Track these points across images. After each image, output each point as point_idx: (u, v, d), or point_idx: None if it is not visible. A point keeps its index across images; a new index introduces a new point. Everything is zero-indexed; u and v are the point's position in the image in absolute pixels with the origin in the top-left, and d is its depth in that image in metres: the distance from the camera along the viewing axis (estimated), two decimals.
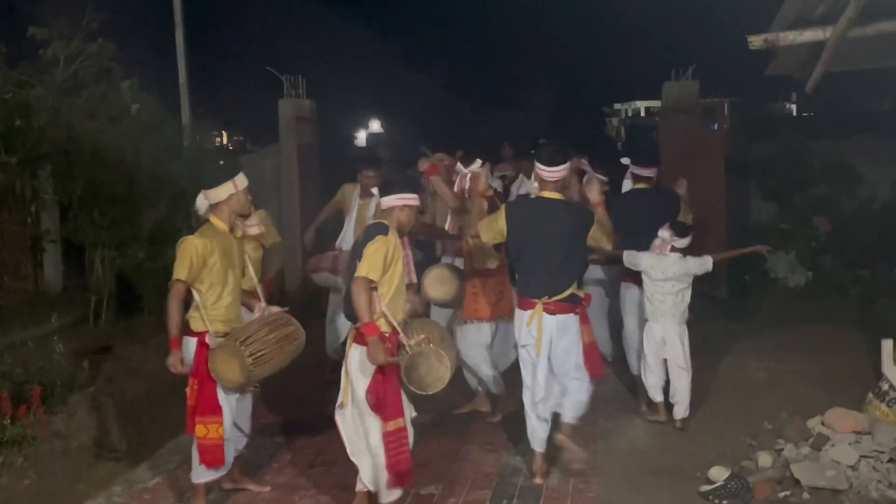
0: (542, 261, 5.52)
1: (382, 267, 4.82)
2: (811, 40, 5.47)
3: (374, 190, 5.40)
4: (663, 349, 6.59)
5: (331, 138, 13.58)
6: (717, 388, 7.38)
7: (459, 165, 6.80)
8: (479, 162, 6.63)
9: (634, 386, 7.15)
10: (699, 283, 6.79)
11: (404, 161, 12.15)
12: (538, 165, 5.56)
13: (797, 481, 5.30)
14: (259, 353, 5.03)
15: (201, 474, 5.29)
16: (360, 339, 4.92)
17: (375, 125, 31.09)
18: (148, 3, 12.42)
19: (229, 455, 5.34)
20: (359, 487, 5.18)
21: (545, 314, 5.51)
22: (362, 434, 5.04)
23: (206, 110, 12.29)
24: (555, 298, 5.51)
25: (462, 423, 6.78)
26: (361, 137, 28.59)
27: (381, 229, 4.92)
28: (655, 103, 32.97)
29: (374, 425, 4.96)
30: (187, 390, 5.23)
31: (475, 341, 6.69)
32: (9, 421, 6.05)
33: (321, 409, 6.78)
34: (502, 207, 5.77)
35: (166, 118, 10.28)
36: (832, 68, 5.85)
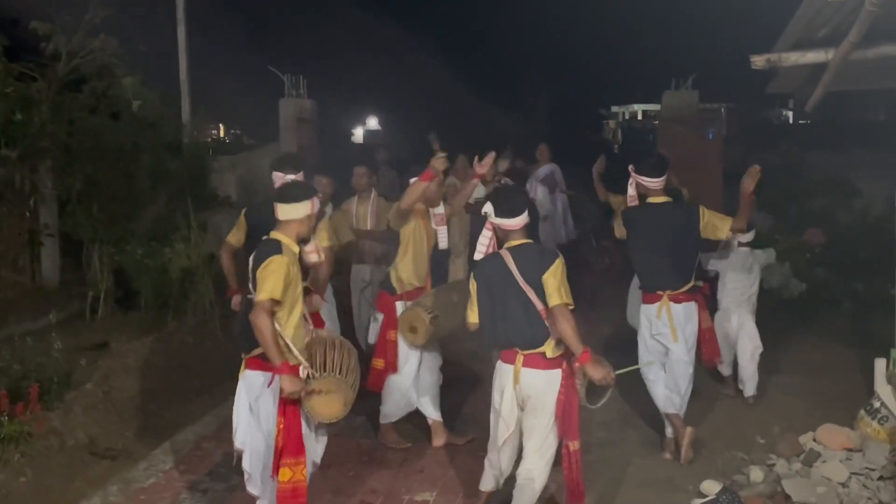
0: (662, 259, 6.14)
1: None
2: (813, 62, 5.52)
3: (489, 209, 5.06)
4: (735, 334, 7.41)
5: (330, 137, 13.62)
6: (709, 401, 7.43)
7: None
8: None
9: (626, 397, 7.31)
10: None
11: (401, 162, 12.21)
12: (642, 178, 6.17)
13: (788, 497, 5.34)
14: (353, 383, 4.85)
15: None
16: (538, 363, 4.88)
17: (373, 122, 31.10)
18: (151, 0, 12.41)
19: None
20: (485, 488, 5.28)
21: (672, 303, 6.15)
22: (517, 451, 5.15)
23: (206, 107, 12.24)
24: (680, 290, 6.16)
25: (457, 431, 6.81)
26: (359, 134, 28.63)
27: (556, 253, 4.98)
28: (653, 107, 33.06)
29: (543, 446, 4.98)
30: (274, 430, 4.75)
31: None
32: (6, 418, 6.08)
33: None
34: (619, 214, 6.43)
35: (167, 115, 10.31)
36: (833, 88, 5.91)
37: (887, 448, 5.64)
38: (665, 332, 6.17)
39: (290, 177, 5.69)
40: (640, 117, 41.34)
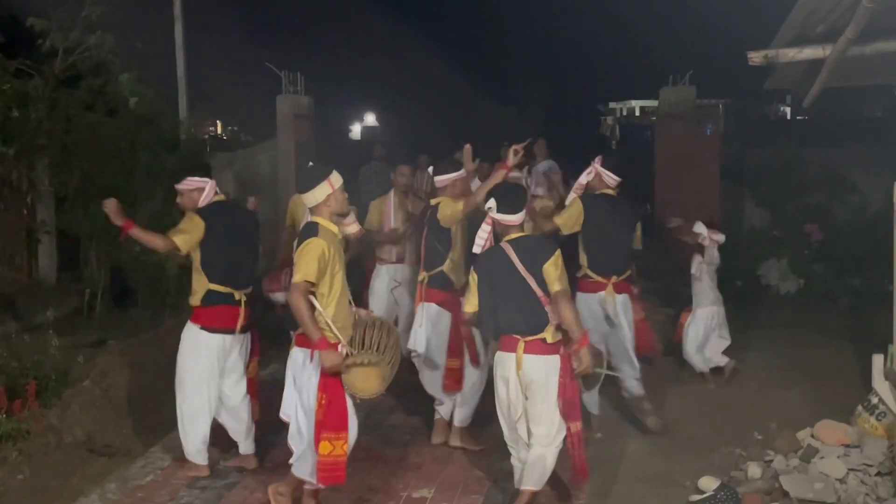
0: (612, 245, 6.47)
1: None
2: (810, 58, 5.53)
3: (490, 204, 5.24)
4: (715, 329, 7.86)
5: (327, 134, 13.59)
6: (707, 397, 7.44)
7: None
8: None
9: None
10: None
11: (399, 159, 12.19)
12: (605, 171, 6.51)
13: (786, 493, 5.34)
14: (392, 360, 5.01)
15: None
16: (539, 349, 5.05)
17: (370, 118, 31.04)
18: None
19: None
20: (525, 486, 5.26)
21: (615, 293, 6.47)
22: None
23: (204, 104, 12.23)
24: (621, 278, 6.50)
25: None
26: (356, 131, 28.61)
27: (554, 244, 5.27)
28: (651, 103, 33.08)
29: (551, 429, 5.10)
30: (315, 405, 4.98)
31: None
32: (4, 415, 6.08)
33: None
34: (577, 200, 6.49)
35: (164, 112, 10.29)
36: (830, 84, 5.91)
37: (885, 444, 5.65)
38: (610, 316, 6.48)
39: (197, 182, 5.93)
40: (637, 113, 41.37)
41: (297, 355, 5.09)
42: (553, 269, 5.01)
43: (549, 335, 5.05)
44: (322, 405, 4.95)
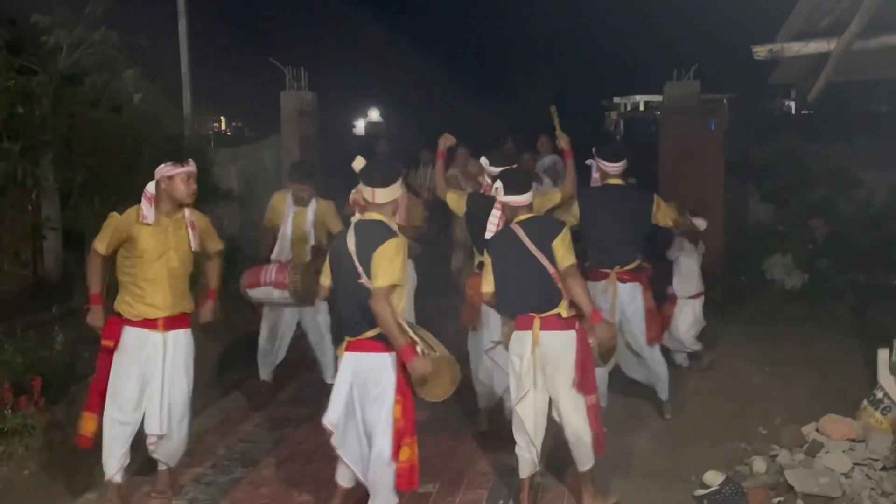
0: (613, 236, 6.50)
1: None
2: (815, 52, 5.53)
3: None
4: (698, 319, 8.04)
5: (331, 129, 13.58)
6: (711, 392, 7.44)
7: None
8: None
9: (630, 388, 7.32)
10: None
11: (403, 154, 12.20)
12: (602, 161, 6.60)
13: (791, 487, 5.35)
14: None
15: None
16: (554, 325, 5.14)
17: (374, 114, 31.07)
18: None
19: None
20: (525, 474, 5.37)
21: (618, 282, 6.52)
22: (545, 417, 5.31)
23: (208, 99, 12.22)
24: (626, 268, 6.54)
25: (459, 422, 6.81)
26: (360, 126, 28.60)
27: (562, 222, 5.41)
28: (656, 97, 33.03)
29: (576, 402, 5.18)
30: (394, 411, 4.71)
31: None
32: (9, 411, 6.08)
33: (319, 405, 6.81)
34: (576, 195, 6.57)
35: (168, 108, 10.28)
36: (835, 78, 5.90)
37: (890, 438, 5.65)
38: (606, 309, 6.34)
39: (180, 170, 5.57)
40: (641, 108, 41.27)
41: (364, 361, 4.79)
42: (561, 245, 5.13)
43: (563, 310, 5.16)
44: (400, 410, 4.72)
